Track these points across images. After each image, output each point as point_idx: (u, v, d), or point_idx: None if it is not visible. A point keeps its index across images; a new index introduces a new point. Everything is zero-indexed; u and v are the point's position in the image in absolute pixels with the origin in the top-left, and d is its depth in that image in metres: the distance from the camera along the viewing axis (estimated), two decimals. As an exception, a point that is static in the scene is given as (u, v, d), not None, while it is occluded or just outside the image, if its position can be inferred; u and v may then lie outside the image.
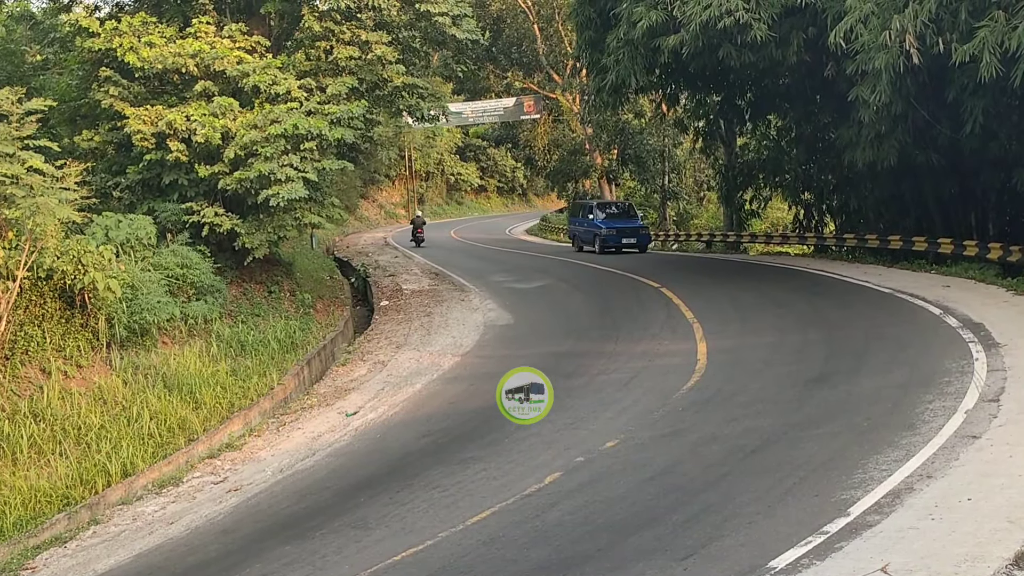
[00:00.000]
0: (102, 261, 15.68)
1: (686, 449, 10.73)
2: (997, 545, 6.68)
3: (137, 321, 16.68)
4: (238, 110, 20.38)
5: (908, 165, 21.18)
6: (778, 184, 31.75)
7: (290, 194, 19.56)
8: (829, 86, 22.32)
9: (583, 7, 25.54)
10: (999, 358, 11.96)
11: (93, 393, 15.27)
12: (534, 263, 33.34)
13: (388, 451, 13.42)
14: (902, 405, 10.74)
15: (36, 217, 14.60)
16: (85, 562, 11.31)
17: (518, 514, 9.65)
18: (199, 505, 12.62)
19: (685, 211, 49.59)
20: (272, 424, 15.78)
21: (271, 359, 18.22)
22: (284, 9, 24.05)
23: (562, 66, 48.87)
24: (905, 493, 8.04)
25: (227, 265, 21.25)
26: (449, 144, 70.81)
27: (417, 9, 24.10)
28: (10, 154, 14.97)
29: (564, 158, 49.26)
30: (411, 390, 16.57)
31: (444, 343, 19.94)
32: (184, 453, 14.33)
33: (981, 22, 15.43)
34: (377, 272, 31.97)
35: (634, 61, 22.18)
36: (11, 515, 12.66)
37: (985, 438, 9.12)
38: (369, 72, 23.48)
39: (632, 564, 7.68)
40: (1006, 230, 21.63)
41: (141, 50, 20.47)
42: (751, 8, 19.16)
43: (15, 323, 14.98)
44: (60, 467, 13.59)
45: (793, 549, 7.26)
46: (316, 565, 9.47)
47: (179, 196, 20.86)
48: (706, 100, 31.24)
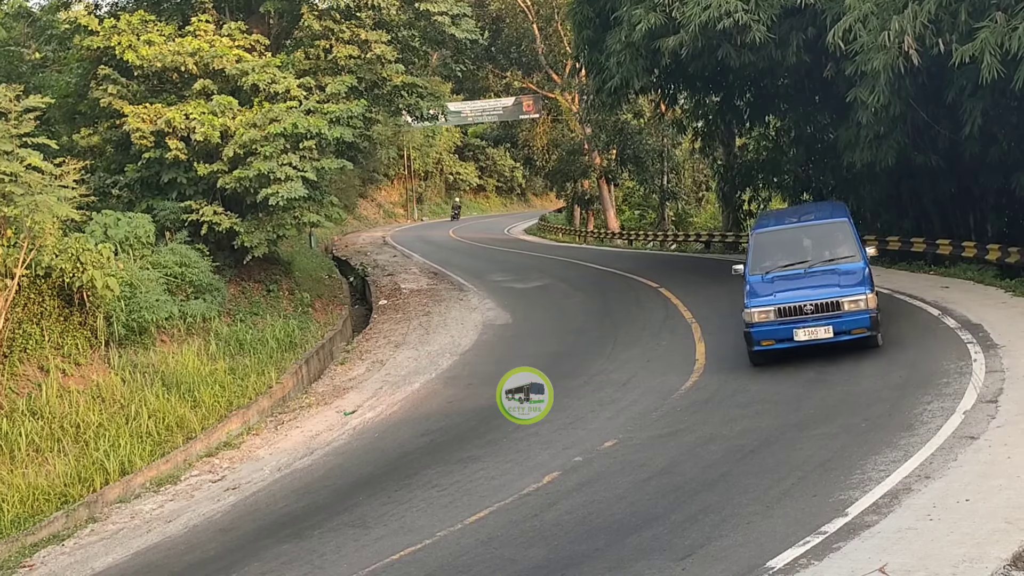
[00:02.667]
0: (101, 259, 15.66)
1: (685, 449, 10.73)
2: (995, 546, 6.69)
3: (135, 319, 16.66)
4: (237, 109, 20.37)
5: (907, 166, 21.17)
6: (777, 185, 31.72)
7: (289, 193, 19.56)
8: (828, 87, 22.31)
9: (581, 6, 25.52)
10: (997, 359, 11.97)
11: (91, 391, 15.26)
12: (533, 262, 33.35)
13: (386, 450, 13.42)
14: (900, 406, 10.75)
15: (35, 215, 14.58)
16: (83, 560, 11.31)
17: (516, 514, 9.65)
18: (197, 504, 12.62)
19: (684, 211, 49.59)
20: (270, 423, 15.78)
21: (269, 358, 18.21)
22: (283, 8, 24.03)
23: (561, 66, 48.87)
24: (903, 494, 8.05)
25: (226, 264, 21.24)
26: (448, 143, 70.79)
27: (416, 8, 24.11)
28: (8, 152, 14.94)
29: (563, 158, 49.26)
30: (409, 389, 16.58)
31: (442, 342, 19.94)
32: (182, 452, 14.33)
33: (981, 23, 15.41)
34: (376, 271, 32.00)
35: (635, 63, 22.19)
36: (9, 513, 12.65)
37: (983, 439, 9.13)
38: (368, 71, 23.49)
39: (630, 564, 7.68)
40: (1005, 231, 21.60)
41: (140, 48, 20.47)
42: (750, 9, 19.14)
43: (13, 321, 14.96)
44: (58, 465, 13.58)
45: (791, 549, 7.27)
46: (314, 564, 9.47)
47: (178, 195, 20.84)
48: (705, 100, 31.19)
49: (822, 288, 13.58)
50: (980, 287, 17.77)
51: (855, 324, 13.26)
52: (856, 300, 13.28)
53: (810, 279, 13.91)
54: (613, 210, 48.71)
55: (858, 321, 13.26)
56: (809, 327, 13.33)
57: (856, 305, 13.27)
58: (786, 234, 15.12)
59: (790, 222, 15.59)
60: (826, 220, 15.19)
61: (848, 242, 14.34)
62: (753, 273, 14.39)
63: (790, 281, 14.02)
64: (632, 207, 53.37)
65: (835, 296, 13.37)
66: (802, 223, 15.31)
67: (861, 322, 13.26)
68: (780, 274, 14.21)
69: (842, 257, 14.15)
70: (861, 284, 13.49)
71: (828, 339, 13.28)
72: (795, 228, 15.17)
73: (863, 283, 13.52)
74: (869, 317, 13.24)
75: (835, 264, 14.09)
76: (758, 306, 13.65)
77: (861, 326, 13.29)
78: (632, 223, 50.12)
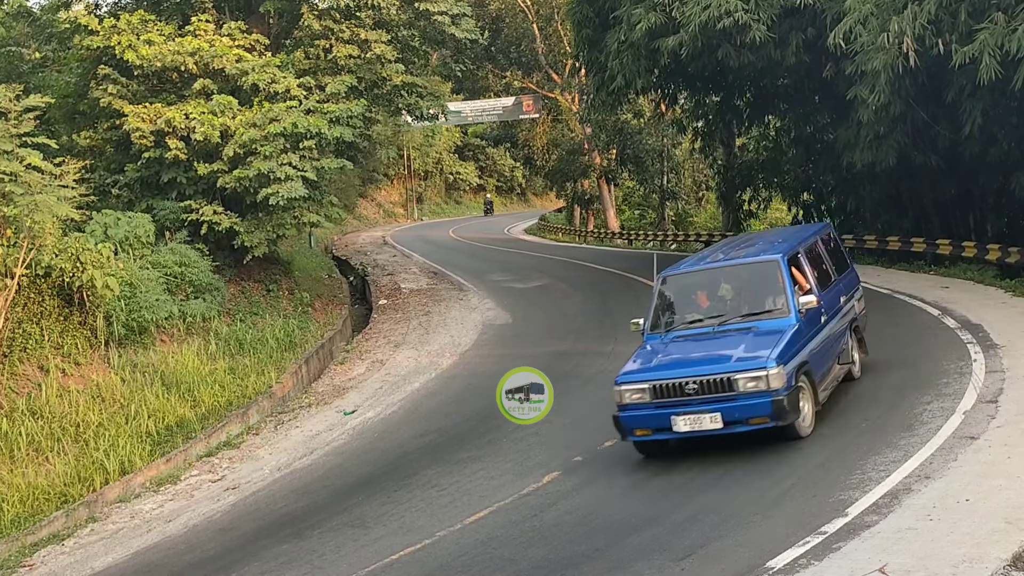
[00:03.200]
0: (100, 259, 15.67)
1: (684, 448, 10.72)
2: (995, 546, 6.69)
3: (135, 319, 16.66)
4: (237, 108, 20.37)
5: (907, 166, 21.18)
6: (777, 185, 31.74)
7: (289, 193, 19.57)
8: (828, 87, 22.32)
9: (581, 6, 25.55)
10: (997, 359, 11.97)
11: (91, 391, 15.26)
12: (532, 262, 33.35)
13: (386, 450, 13.42)
14: (900, 406, 10.74)
15: (34, 215, 14.59)
16: (83, 560, 11.31)
17: (516, 513, 9.65)
18: (197, 503, 12.62)
19: (684, 211, 49.58)
20: (270, 423, 15.78)
21: (269, 358, 18.21)
22: (283, 7, 24.03)
23: (561, 66, 48.87)
24: (903, 494, 8.05)
25: (225, 264, 21.24)
26: (448, 143, 70.77)
27: (416, 8, 24.11)
28: (8, 151, 14.95)
29: (563, 158, 49.27)
30: (409, 389, 16.58)
31: (442, 342, 19.95)
32: (182, 451, 14.33)
33: (981, 24, 15.42)
34: (376, 271, 32.00)
35: (635, 63, 22.21)
36: (9, 512, 12.66)
37: (983, 439, 9.13)
38: (368, 71, 23.49)
39: (630, 564, 7.68)
40: (1004, 231, 21.61)
41: (140, 48, 20.47)
42: (750, 9, 19.16)
43: (13, 320, 14.96)
44: (58, 465, 13.59)
45: (791, 549, 7.26)
46: (314, 564, 9.47)
47: (178, 194, 20.85)
48: (705, 100, 31.21)
49: (715, 359, 9.96)
50: (980, 287, 17.77)
51: (751, 411, 9.52)
52: (756, 376, 9.50)
53: (713, 343, 10.36)
54: (613, 210, 48.72)
55: (755, 408, 9.51)
56: (692, 413, 9.66)
57: (756, 384, 9.50)
58: (701, 277, 11.46)
59: (711, 261, 11.78)
60: (753, 259, 11.23)
61: (777, 290, 10.52)
62: (653, 331, 10.98)
63: (692, 344, 10.50)
64: (632, 207, 53.37)
65: (726, 371, 9.65)
66: (724, 263, 11.55)
67: (759, 409, 9.49)
68: (684, 333, 10.73)
69: (765, 311, 10.48)
70: (770, 352, 9.68)
71: (717, 430, 9.68)
72: (714, 270, 11.44)
73: (776, 350, 9.71)
74: (771, 402, 9.45)
75: (756, 320, 10.40)
76: (629, 381, 10.10)
77: (759, 414, 9.51)
78: (632, 223, 50.13)
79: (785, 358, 9.70)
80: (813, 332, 10.53)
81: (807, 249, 11.48)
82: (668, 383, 9.88)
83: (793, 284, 10.62)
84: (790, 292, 10.46)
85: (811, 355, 10.28)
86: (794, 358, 9.86)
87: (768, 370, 9.52)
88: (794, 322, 10.25)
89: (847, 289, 12.23)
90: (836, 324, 11.31)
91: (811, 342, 10.39)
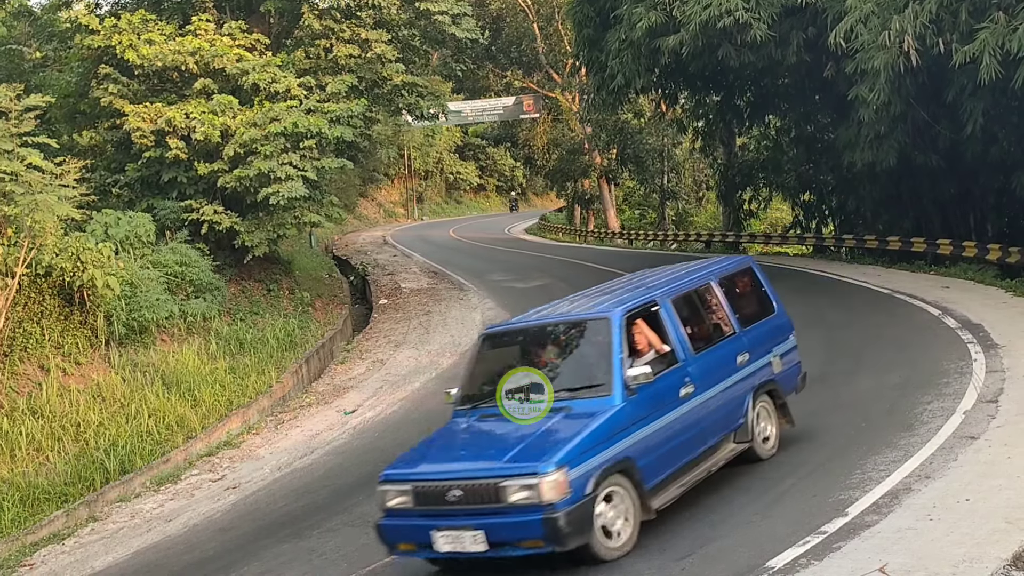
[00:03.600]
0: (101, 258, 15.67)
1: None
2: (995, 546, 6.69)
3: (136, 319, 16.66)
4: (237, 108, 20.38)
5: (907, 166, 21.19)
6: (777, 184, 31.76)
7: (289, 192, 19.58)
8: (828, 86, 22.33)
9: (581, 5, 25.57)
10: (998, 359, 11.96)
11: (91, 390, 15.26)
12: (533, 262, 33.35)
13: (386, 450, 13.39)
14: (900, 406, 10.73)
15: (35, 214, 14.59)
16: (83, 559, 11.31)
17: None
18: (197, 503, 12.62)
19: (684, 211, 49.61)
20: (270, 422, 15.78)
21: (270, 357, 18.22)
22: (284, 7, 24.05)
23: (561, 65, 48.89)
24: (903, 493, 8.04)
25: (226, 263, 21.25)
26: (448, 143, 70.79)
27: (417, 8, 24.13)
28: (9, 151, 14.96)
29: (563, 157, 49.31)
30: (409, 388, 16.59)
31: (443, 342, 19.95)
32: (182, 451, 14.33)
33: (981, 23, 15.42)
34: (376, 270, 32.01)
35: (636, 62, 22.23)
36: (9, 512, 12.65)
37: (983, 439, 9.12)
38: (368, 70, 23.50)
39: (630, 564, 7.67)
40: (1005, 231, 21.62)
41: (141, 47, 20.48)
42: (751, 8, 19.17)
43: (14, 320, 14.96)
44: (58, 464, 13.60)
45: (791, 549, 7.25)
46: (314, 563, 9.46)
47: (178, 194, 20.86)
48: (705, 100, 31.25)
49: (486, 456, 7.66)
50: (980, 287, 17.77)
51: (520, 531, 7.08)
52: (526, 484, 7.05)
53: (498, 432, 7.98)
54: (613, 210, 48.75)
55: (524, 526, 7.06)
56: (454, 529, 7.26)
57: (526, 495, 7.05)
58: (524, 336, 9.04)
59: (540, 316, 9.13)
60: (580, 315, 8.73)
61: (603, 359, 8.03)
62: (462, 405, 8.52)
63: (479, 432, 8.17)
64: (632, 207, 53.42)
65: (493, 474, 7.23)
66: (549, 319, 9.00)
67: (528, 528, 7.04)
68: (486, 411, 8.24)
69: (584, 387, 8.01)
70: (553, 451, 7.19)
71: (481, 553, 7.22)
72: (536, 328, 8.95)
73: (565, 448, 7.22)
74: (541, 520, 6.98)
75: (572, 399, 7.88)
76: (392, 479, 7.75)
77: (530, 535, 7.07)
78: (632, 223, 50.17)
79: (579, 458, 7.18)
80: (654, 414, 7.96)
81: (680, 297, 8.91)
82: (429, 486, 7.49)
83: (634, 349, 8.24)
84: (616, 362, 7.87)
85: (644, 447, 7.76)
86: (598, 455, 7.32)
87: (541, 476, 6.96)
88: (617, 403, 7.69)
89: (759, 343, 9.52)
90: (721, 394, 8.80)
91: (646, 427, 7.83)
